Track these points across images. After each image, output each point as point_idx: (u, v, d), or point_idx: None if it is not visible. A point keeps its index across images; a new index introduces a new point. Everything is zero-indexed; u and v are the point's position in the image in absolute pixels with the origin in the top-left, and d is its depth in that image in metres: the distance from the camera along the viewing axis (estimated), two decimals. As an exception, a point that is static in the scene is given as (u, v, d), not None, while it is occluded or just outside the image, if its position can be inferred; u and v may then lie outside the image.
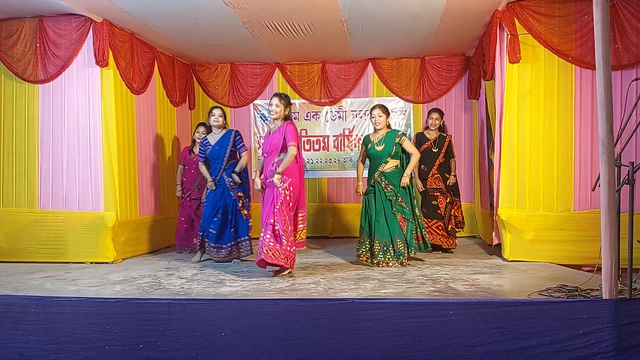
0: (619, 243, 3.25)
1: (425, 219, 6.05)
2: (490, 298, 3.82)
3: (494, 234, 5.84)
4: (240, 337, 3.34)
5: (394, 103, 7.95)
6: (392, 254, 5.29)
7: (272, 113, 4.97)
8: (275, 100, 4.95)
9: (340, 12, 5.72)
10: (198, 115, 8.08)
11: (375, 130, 5.56)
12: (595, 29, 3.23)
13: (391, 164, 5.43)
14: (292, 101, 5.24)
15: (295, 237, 4.99)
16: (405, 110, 7.95)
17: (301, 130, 7.94)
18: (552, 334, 3.19)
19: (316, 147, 8.05)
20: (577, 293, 3.77)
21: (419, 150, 5.93)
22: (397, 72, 7.86)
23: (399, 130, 5.68)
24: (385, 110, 5.52)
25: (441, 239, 6.21)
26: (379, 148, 5.45)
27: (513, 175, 5.51)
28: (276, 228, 4.73)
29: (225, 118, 5.89)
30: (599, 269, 3.38)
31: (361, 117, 7.98)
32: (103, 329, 3.40)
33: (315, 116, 8.12)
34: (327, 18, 5.90)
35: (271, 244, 4.70)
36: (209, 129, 5.99)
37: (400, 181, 5.38)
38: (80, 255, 5.67)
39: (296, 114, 7.95)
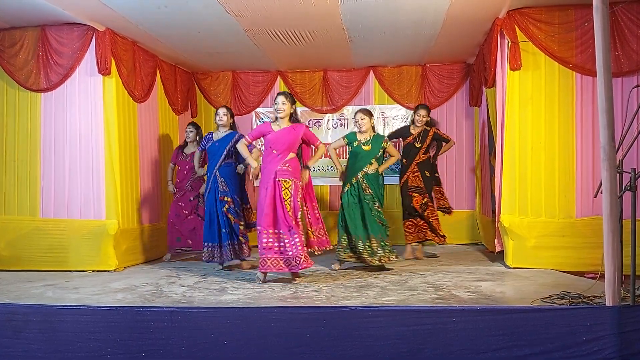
0: (621, 250, 3.25)
1: (405, 220, 6.28)
2: (493, 305, 3.82)
3: (496, 240, 5.83)
4: (242, 345, 3.33)
5: (396, 110, 7.98)
6: (370, 252, 5.43)
7: (279, 112, 5.03)
8: (282, 99, 5.05)
9: (341, 20, 5.75)
10: (200, 123, 8.07)
11: (361, 132, 5.66)
12: (596, 36, 3.24)
13: (374, 166, 5.63)
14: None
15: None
16: (407, 118, 7.95)
17: (302, 137, 7.94)
18: (555, 341, 3.18)
19: (318, 154, 8.05)
20: (580, 300, 3.76)
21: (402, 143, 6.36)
22: (398, 80, 7.88)
23: (384, 136, 5.84)
24: (368, 113, 5.69)
25: (429, 235, 6.24)
26: (366, 148, 5.61)
27: (515, 181, 5.51)
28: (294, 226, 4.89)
29: (232, 117, 5.86)
30: (602, 276, 3.37)
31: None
32: (105, 338, 3.39)
33: (317, 124, 8.13)
34: (329, 26, 5.93)
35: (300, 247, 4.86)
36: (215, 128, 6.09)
37: (378, 186, 5.59)
38: (82, 263, 5.66)
39: (298, 121, 7.97)
